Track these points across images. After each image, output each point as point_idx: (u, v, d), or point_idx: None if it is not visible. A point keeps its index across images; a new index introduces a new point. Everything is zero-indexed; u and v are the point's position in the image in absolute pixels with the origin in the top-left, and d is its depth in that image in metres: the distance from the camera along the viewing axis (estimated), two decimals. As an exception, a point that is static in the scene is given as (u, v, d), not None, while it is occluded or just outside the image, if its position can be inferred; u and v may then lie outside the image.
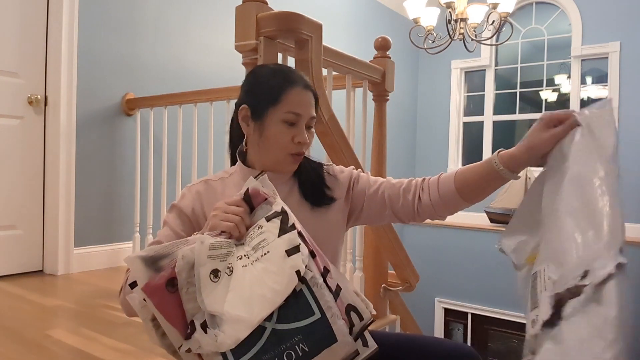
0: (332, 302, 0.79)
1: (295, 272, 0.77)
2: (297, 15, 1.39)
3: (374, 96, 2.06)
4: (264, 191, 0.86)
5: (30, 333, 1.55)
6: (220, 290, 0.76)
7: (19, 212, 2.37)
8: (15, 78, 2.35)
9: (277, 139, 0.94)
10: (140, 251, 0.80)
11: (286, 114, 0.93)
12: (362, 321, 0.83)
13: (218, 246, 0.80)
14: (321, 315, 0.77)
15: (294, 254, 0.79)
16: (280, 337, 0.75)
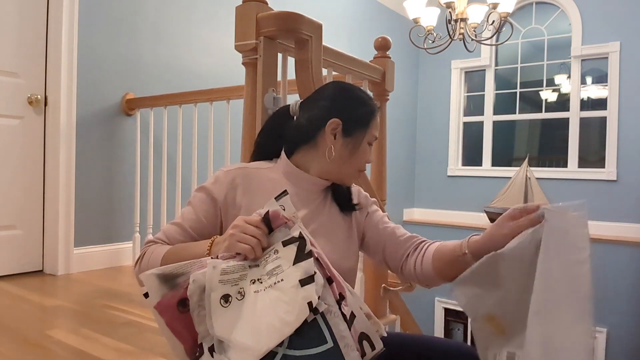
0: (346, 332, 0.78)
1: (307, 303, 0.76)
2: (297, 15, 1.39)
3: (374, 96, 2.06)
4: (284, 215, 0.85)
5: (30, 333, 1.55)
6: (230, 316, 0.76)
7: (19, 212, 2.37)
8: (15, 78, 2.35)
9: (362, 157, 1.05)
10: (156, 269, 0.80)
11: (373, 137, 1.06)
12: (374, 350, 0.85)
13: (230, 271, 0.80)
14: (334, 345, 0.77)
15: (308, 284, 0.78)
16: None
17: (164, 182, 2.65)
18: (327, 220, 1.04)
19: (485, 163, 5.18)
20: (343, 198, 1.09)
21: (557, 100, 4.88)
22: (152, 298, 0.78)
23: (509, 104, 5.10)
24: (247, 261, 0.82)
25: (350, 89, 1.09)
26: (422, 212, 5.55)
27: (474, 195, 5.16)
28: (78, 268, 2.47)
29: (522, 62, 5.00)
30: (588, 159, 4.64)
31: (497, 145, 5.18)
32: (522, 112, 5.05)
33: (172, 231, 0.99)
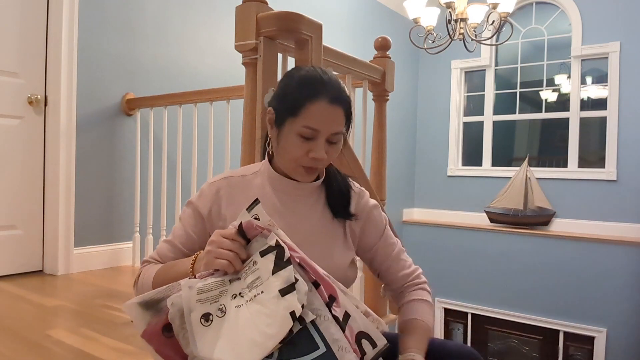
0: (338, 334, 0.76)
1: (290, 313, 0.74)
2: (297, 15, 1.39)
3: (374, 96, 2.06)
4: (259, 224, 0.83)
5: (30, 333, 1.55)
6: (212, 334, 0.75)
7: (19, 212, 2.37)
8: (15, 78, 2.35)
9: (290, 151, 0.93)
10: (137, 297, 0.80)
11: (302, 128, 0.91)
12: (376, 348, 0.81)
13: (207, 289, 0.79)
14: (327, 350, 0.75)
15: (289, 293, 0.76)
16: None
17: (163, 182, 2.65)
18: (319, 224, 1.01)
19: (485, 163, 5.18)
20: (335, 203, 1.02)
21: (557, 100, 4.88)
22: (138, 326, 0.78)
23: (509, 104, 5.10)
24: (228, 275, 0.81)
25: (293, 72, 1.00)
26: (422, 212, 5.55)
27: (474, 195, 5.16)
28: (78, 268, 2.47)
29: (522, 62, 5.00)
30: (588, 159, 4.64)
31: (497, 145, 5.18)
32: (522, 112, 5.05)
33: (164, 249, 0.99)
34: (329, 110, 0.91)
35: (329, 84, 0.94)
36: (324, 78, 0.95)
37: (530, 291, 4.68)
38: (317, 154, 0.91)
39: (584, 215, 4.53)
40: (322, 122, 0.91)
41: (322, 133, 0.92)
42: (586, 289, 4.38)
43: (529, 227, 4.74)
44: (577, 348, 4.56)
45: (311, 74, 0.95)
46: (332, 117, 0.92)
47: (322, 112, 0.91)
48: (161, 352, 0.77)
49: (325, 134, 0.92)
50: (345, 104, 0.95)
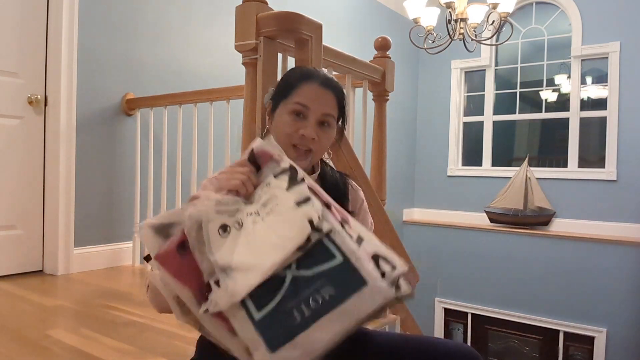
0: (355, 247, 0.73)
1: (308, 220, 0.73)
2: (297, 15, 1.39)
3: (374, 96, 2.06)
4: (270, 150, 0.84)
5: (30, 333, 1.55)
6: (230, 244, 0.74)
7: (19, 212, 2.37)
8: (15, 78, 2.35)
9: (283, 128, 0.96)
10: (151, 219, 0.79)
11: (294, 104, 0.95)
12: (395, 270, 0.74)
13: (225, 202, 0.78)
14: (343, 259, 0.72)
15: (305, 204, 0.76)
16: (302, 284, 0.71)
17: (163, 182, 2.65)
18: None
19: (485, 163, 5.18)
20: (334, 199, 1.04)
21: (557, 100, 4.88)
22: (150, 250, 0.76)
23: (509, 104, 5.10)
24: (241, 198, 0.81)
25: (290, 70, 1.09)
26: (422, 212, 5.55)
27: (474, 195, 5.16)
28: (78, 268, 2.46)
29: (522, 62, 5.00)
30: (588, 159, 4.64)
31: (497, 145, 5.18)
32: (522, 112, 5.05)
33: None
34: (320, 91, 0.96)
35: (321, 73, 1.01)
36: (317, 69, 1.02)
37: (530, 291, 4.68)
38: (305, 131, 0.94)
39: (584, 215, 4.53)
40: (313, 100, 0.95)
41: (312, 111, 0.95)
42: (586, 289, 4.38)
43: (529, 227, 4.74)
44: (577, 348, 4.56)
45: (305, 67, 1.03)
46: (323, 98, 0.97)
47: (313, 91, 0.96)
48: (176, 274, 0.74)
49: (316, 113, 0.95)
50: (337, 90, 1.00)
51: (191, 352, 1.02)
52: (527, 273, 4.68)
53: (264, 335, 0.69)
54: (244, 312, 0.71)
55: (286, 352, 0.68)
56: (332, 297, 0.69)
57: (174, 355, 1.40)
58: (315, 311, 0.69)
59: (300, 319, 0.69)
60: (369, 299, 0.70)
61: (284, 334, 0.69)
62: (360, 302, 0.70)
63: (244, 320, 0.70)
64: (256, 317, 0.70)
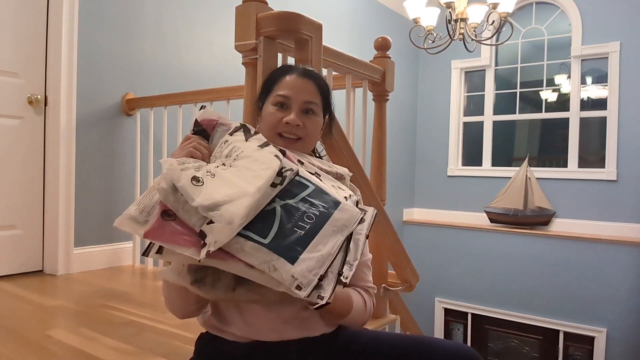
0: (317, 180, 0.87)
1: (274, 155, 0.83)
2: (297, 15, 1.38)
3: (374, 96, 2.06)
4: (213, 116, 0.92)
5: (30, 333, 1.55)
6: (208, 188, 0.77)
7: (19, 212, 2.37)
8: (15, 78, 2.35)
9: (268, 120, 1.00)
10: (126, 212, 0.79)
11: (275, 97, 1.00)
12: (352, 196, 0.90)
13: (186, 161, 0.82)
14: (315, 187, 0.84)
15: (267, 146, 0.86)
16: (292, 208, 0.79)
17: (164, 182, 2.65)
18: None
19: (485, 163, 5.18)
20: None
21: (557, 100, 4.88)
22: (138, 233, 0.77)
23: (509, 104, 5.10)
24: (201, 162, 0.85)
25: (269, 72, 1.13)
26: (422, 212, 5.55)
27: (474, 195, 5.16)
28: (78, 268, 2.47)
29: (522, 62, 5.00)
30: (588, 159, 4.64)
31: (497, 145, 5.18)
32: (522, 112, 5.05)
33: None
34: (300, 81, 1.01)
35: (299, 66, 1.06)
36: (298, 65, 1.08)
37: (530, 291, 4.68)
38: (289, 118, 0.98)
39: (584, 215, 4.53)
40: (293, 89, 1.00)
41: (294, 100, 0.99)
42: (586, 289, 4.38)
43: (529, 227, 4.74)
44: (577, 348, 4.56)
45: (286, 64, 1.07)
46: (303, 86, 1.01)
47: (293, 82, 1.01)
48: (171, 240, 0.74)
49: (298, 102, 0.99)
50: (317, 79, 1.03)
51: (191, 352, 1.02)
52: (527, 273, 4.68)
53: (279, 253, 0.74)
54: (251, 242, 0.74)
55: (305, 262, 0.74)
56: (321, 213, 0.80)
57: (174, 355, 1.40)
58: (314, 224, 0.79)
59: (304, 233, 0.77)
60: (347, 213, 0.83)
61: (295, 246, 0.75)
62: (342, 215, 0.82)
63: (255, 248, 0.74)
64: (265, 242, 0.75)
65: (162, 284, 0.92)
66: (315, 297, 0.73)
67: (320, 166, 0.96)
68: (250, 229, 0.75)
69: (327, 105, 1.06)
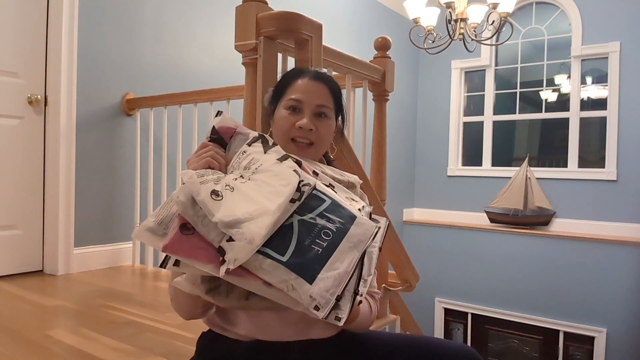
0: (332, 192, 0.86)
1: (294, 171, 0.82)
2: (297, 15, 1.38)
3: (374, 96, 2.06)
4: (231, 124, 0.91)
5: (30, 333, 1.55)
6: (228, 203, 0.76)
7: (19, 212, 2.37)
8: (16, 78, 2.35)
9: (281, 124, 0.99)
10: (144, 223, 0.79)
11: (288, 101, 1.00)
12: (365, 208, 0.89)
13: (205, 173, 0.82)
14: (331, 201, 0.83)
15: (286, 160, 0.85)
16: (309, 224, 0.78)
17: (163, 182, 2.65)
18: None
19: (485, 163, 5.18)
20: None
21: (557, 100, 4.88)
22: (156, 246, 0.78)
23: (509, 104, 5.10)
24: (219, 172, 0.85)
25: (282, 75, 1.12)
26: (422, 212, 5.55)
27: (474, 195, 5.16)
28: (78, 268, 2.47)
29: (522, 62, 5.00)
30: (588, 159, 4.64)
31: (497, 145, 5.18)
32: (522, 112, 5.05)
33: None
34: (312, 84, 1.00)
35: (313, 70, 1.05)
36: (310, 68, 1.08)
37: (530, 291, 4.68)
38: (302, 122, 0.97)
39: (584, 215, 4.53)
40: (305, 93, 0.99)
41: (306, 104, 0.99)
42: (586, 289, 4.38)
43: (528, 227, 4.74)
44: (577, 348, 4.56)
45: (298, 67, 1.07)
46: (315, 90, 1.00)
47: (305, 85, 1.00)
48: (189, 254, 0.74)
49: (310, 106, 0.99)
50: (329, 82, 1.03)
51: (191, 352, 1.02)
52: (527, 273, 4.68)
53: (298, 272, 0.73)
54: (270, 260, 0.73)
55: (322, 282, 0.73)
56: (338, 229, 0.79)
57: (174, 355, 1.40)
58: (332, 241, 0.78)
59: (322, 250, 0.76)
60: (363, 227, 0.82)
61: (314, 264, 0.74)
62: (358, 230, 0.81)
63: (273, 266, 0.73)
64: (283, 259, 0.74)
65: (168, 286, 0.92)
66: (333, 317, 0.73)
67: (333, 175, 0.96)
68: (268, 246, 0.74)
69: (339, 108, 1.05)
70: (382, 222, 0.90)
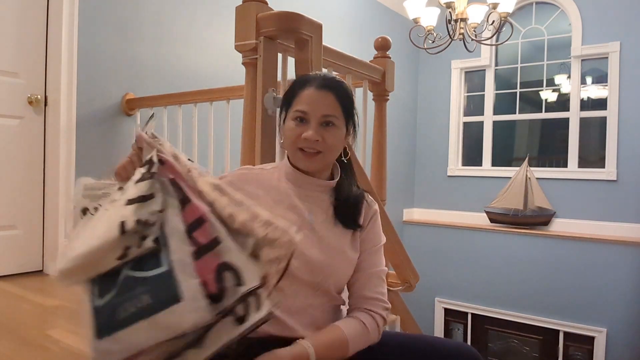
0: (188, 258, 0.72)
1: (120, 222, 0.74)
2: (297, 15, 1.39)
3: (374, 96, 2.07)
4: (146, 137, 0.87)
5: (30, 333, 1.55)
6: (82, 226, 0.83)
7: (19, 212, 2.37)
8: (16, 78, 2.35)
9: (288, 135, 1.01)
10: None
11: (294, 112, 1.01)
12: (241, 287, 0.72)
13: (95, 187, 0.85)
14: (168, 269, 0.72)
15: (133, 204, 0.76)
16: (131, 284, 0.74)
17: (164, 182, 2.65)
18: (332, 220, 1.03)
19: (485, 163, 5.19)
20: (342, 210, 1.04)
21: (557, 100, 4.88)
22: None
23: (509, 104, 5.11)
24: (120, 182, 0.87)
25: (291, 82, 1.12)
26: (422, 212, 5.55)
27: (474, 195, 5.16)
28: (78, 268, 2.46)
29: (522, 62, 5.00)
30: (588, 158, 4.65)
31: (497, 145, 5.18)
32: (522, 112, 5.05)
33: None
34: (318, 94, 1.00)
35: (320, 76, 1.04)
36: (317, 73, 1.06)
37: (530, 291, 4.68)
38: (307, 134, 0.98)
39: (584, 215, 4.53)
40: (310, 104, 0.99)
41: (312, 115, 0.99)
42: (586, 289, 4.38)
43: (529, 227, 4.75)
44: (577, 348, 4.56)
45: (306, 74, 1.05)
46: (321, 100, 0.99)
47: (310, 96, 1.00)
48: None
49: (315, 116, 0.99)
50: (336, 89, 1.01)
51: (191, 352, 1.02)
52: (527, 273, 4.68)
53: (96, 322, 0.75)
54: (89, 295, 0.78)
55: (108, 343, 0.72)
56: (149, 306, 0.71)
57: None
58: (135, 314, 0.71)
59: (125, 317, 0.72)
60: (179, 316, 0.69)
61: (110, 325, 0.73)
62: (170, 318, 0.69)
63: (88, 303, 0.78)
64: (97, 303, 0.76)
65: None
66: None
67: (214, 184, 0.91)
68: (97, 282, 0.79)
69: (348, 114, 1.03)
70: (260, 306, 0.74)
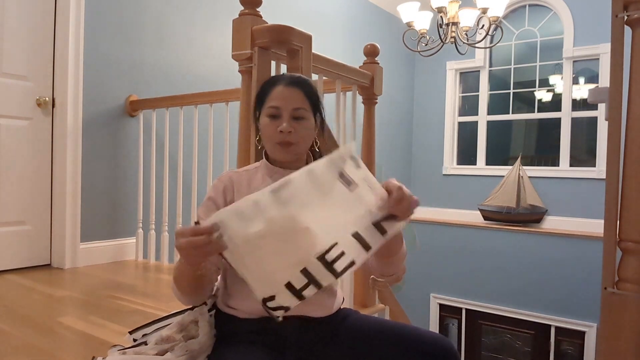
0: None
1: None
2: (288, 28, 1.50)
3: (363, 99, 2.17)
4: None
5: (42, 320, 1.67)
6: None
7: (28, 208, 2.49)
8: (25, 81, 2.47)
9: (265, 131, 1.10)
10: None
11: (268, 109, 1.09)
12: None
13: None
14: None
15: None
16: None
17: (165, 181, 2.77)
18: None
19: (480, 162, 5.29)
20: None
21: (550, 101, 4.98)
22: None
23: (503, 104, 5.20)
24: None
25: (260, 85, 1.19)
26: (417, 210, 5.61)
27: (468, 193, 5.26)
28: (84, 262, 2.59)
29: (515, 63, 5.10)
30: (579, 157, 4.75)
31: (491, 144, 5.28)
32: (516, 112, 5.15)
33: None
34: (287, 90, 1.09)
35: (287, 75, 1.14)
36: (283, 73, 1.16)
37: (522, 287, 4.78)
38: (282, 127, 1.06)
39: (575, 212, 4.63)
40: (281, 99, 1.08)
41: (283, 109, 1.08)
42: (577, 285, 4.48)
43: (521, 225, 4.85)
44: (568, 342, 4.66)
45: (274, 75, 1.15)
46: (290, 96, 1.09)
47: (280, 92, 1.09)
48: None
49: (287, 110, 1.08)
50: (303, 85, 1.11)
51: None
52: (520, 269, 4.78)
53: None
54: None
55: None
56: None
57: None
58: None
59: None
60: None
61: None
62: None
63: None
64: None
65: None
66: None
67: None
68: None
69: (315, 107, 1.14)
70: None
